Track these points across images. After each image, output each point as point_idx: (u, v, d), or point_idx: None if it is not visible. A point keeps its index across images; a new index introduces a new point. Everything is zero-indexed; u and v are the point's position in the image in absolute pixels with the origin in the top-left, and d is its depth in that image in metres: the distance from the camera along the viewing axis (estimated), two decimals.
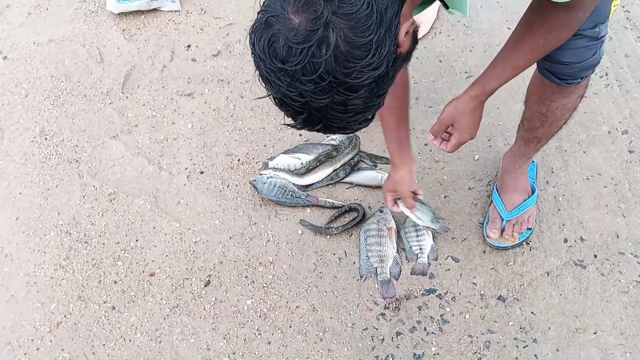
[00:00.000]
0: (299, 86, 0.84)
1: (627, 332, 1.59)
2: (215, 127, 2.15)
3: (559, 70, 1.29)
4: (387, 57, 0.86)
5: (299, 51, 0.81)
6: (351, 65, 0.82)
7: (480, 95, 1.29)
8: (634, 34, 2.19)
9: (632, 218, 1.77)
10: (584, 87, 1.38)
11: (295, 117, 0.91)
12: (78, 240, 1.91)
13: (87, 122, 2.20)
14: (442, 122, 1.36)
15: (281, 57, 0.83)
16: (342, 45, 0.81)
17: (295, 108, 0.88)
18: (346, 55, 0.82)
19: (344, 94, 0.85)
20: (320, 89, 0.83)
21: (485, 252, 1.77)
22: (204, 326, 1.72)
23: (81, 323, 1.75)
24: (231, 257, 1.84)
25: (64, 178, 2.06)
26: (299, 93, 0.85)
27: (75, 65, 2.37)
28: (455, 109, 1.33)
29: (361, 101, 0.87)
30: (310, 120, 0.90)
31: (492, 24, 2.29)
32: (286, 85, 0.85)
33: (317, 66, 0.82)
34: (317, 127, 0.91)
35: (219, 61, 2.33)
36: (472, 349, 1.61)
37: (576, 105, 1.43)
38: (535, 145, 1.60)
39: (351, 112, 0.88)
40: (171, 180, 2.03)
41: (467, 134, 1.35)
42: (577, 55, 1.23)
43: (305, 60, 0.81)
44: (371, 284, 1.74)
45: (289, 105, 0.89)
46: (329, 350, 1.65)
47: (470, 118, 1.32)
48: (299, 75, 0.83)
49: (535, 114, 1.48)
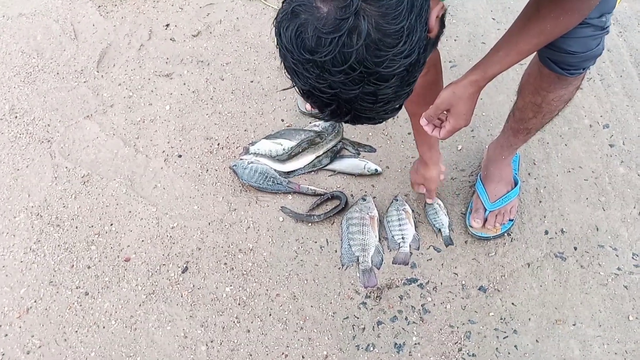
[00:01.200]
0: (329, 77, 0.81)
1: (605, 324, 1.60)
2: (194, 109, 2.09)
3: (562, 60, 1.27)
4: (419, 44, 0.83)
5: (328, 41, 0.78)
6: (383, 54, 0.79)
7: (481, 80, 1.24)
8: (616, 29, 2.21)
9: (612, 211, 1.79)
10: (582, 78, 1.37)
11: (323, 109, 0.88)
12: (49, 223, 1.84)
13: (60, 100, 2.12)
14: (438, 106, 1.30)
15: (310, 47, 0.80)
16: (374, 33, 0.78)
17: (324, 100, 0.85)
18: (377, 44, 0.79)
19: (375, 83, 0.82)
20: (351, 79, 0.80)
21: (467, 242, 1.76)
22: (181, 313, 1.68)
23: (52, 309, 1.69)
24: (210, 244, 1.79)
25: (34, 158, 1.98)
26: (329, 84, 0.81)
27: (48, 41, 2.28)
28: (453, 93, 1.27)
29: (392, 90, 0.84)
30: (338, 111, 0.86)
31: (477, 13, 2.28)
32: (315, 77, 0.81)
33: (347, 56, 0.78)
34: (345, 118, 0.88)
35: (198, 42, 2.27)
36: (453, 339, 1.61)
37: (572, 97, 1.42)
38: (524, 136, 1.59)
39: (381, 102, 0.85)
40: (148, 163, 1.96)
41: (462, 119, 1.30)
42: (582, 44, 1.22)
43: (336, 50, 0.78)
44: (353, 273, 1.72)
45: (317, 96, 0.85)
46: (309, 339, 1.62)
47: (468, 103, 1.27)
48: (328, 67, 0.80)
49: (529, 105, 1.46)
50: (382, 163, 1.92)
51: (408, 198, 1.84)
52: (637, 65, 2.11)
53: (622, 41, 2.18)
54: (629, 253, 1.71)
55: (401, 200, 1.81)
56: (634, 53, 2.14)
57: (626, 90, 2.05)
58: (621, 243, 1.73)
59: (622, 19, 2.23)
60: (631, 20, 2.23)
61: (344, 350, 1.60)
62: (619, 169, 1.87)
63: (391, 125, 2.00)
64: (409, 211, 1.79)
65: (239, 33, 2.30)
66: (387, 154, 1.94)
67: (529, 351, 1.58)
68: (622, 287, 1.66)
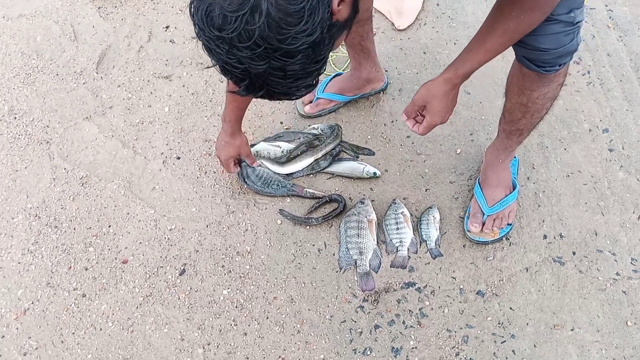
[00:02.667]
0: (237, 53, 0.87)
1: (603, 329, 1.60)
2: (193, 111, 2.09)
3: (536, 57, 1.28)
4: (321, 24, 0.88)
5: (233, 19, 0.84)
6: (285, 32, 0.85)
7: (454, 78, 1.29)
8: (616, 33, 2.21)
9: (611, 216, 1.78)
10: (563, 75, 1.37)
11: (239, 84, 0.95)
12: (47, 225, 1.84)
13: (59, 102, 2.12)
14: (414, 102, 1.38)
15: (218, 25, 0.85)
16: (274, 12, 0.83)
17: (237, 75, 0.92)
18: (279, 22, 0.84)
19: (280, 59, 0.87)
20: (257, 55, 0.86)
21: (465, 246, 1.76)
22: (178, 316, 1.67)
23: (50, 310, 1.69)
24: (207, 246, 1.79)
25: (33, 159, 1.98)
26: (238, 60, 0.88)
27: (48, 42, 2.28)
28: (428, 90, 1.34)
29: (299, 67, 0.90)
30: (252, 86, 0.93)
31: (476, 17, 2.27)
32: (225, 53, 0.88)
33: (251, 33, 0.84)
34: (259, 93, 0.95)
35: (198, 44, 2.25)
36: (451, 344, 1.61)
37: (556, 94, 1.43)
38: (517, 137, 1.59)
39: (291, 78, 0.92)
40: (146, 165, 1.96)
41: (438, 116, 1.35)
42: (554, 41, 1.23)
43: (240, 27, 0.84)
44: (350, 276, 1.72)
45: (230, 72, 0.92)
46: (307, 342, 1.62)
47: (443, 101, 1.32)
48: (235, 43, 0.85)
49: (516, 105, 1.47)
50: (381, 166, 1.91)
51: (406, 201, 1.84)
52: (637, 70, 2.11)
53: (622, 45, 2.17)
54: (628, 258, 1.71)
55: (399, 204, 1.81)
56: (634, 57, 2.14)
57: (626, 95, 2.04)
58: (620, 248, 1.73)
59: (622, 24, 2.23)
60: (631, 24, 2.23)
61: (340, 354, 1.60)
62: (618, 174, 1.87)
63: (390, 129, 2.00)
64: (407, 215, 1.79)
65: None
66: (385, 157, 1.94)
67: (527, 356, 1.58)
68: (621, 293, 1.65)
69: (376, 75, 2.00)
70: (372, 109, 2.05)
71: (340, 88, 2.00)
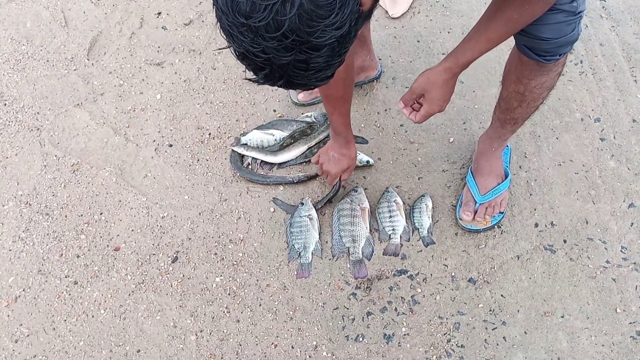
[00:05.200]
0: (262, 42, 0.83)
1: (593, 316, 1.62)
2: (185, 98, 2.07)
3: (537, 46, 1.28)
4: (350, 17, 0.85)
5: (262, 7, 0.80)
6: (315, 25, 0.81)
7: (454, 67, 1.28)
8: (609, 23, 2.21)
9: (602, 205, 1.80)
10: (562, 64, 1.37)
11: (257, 72, 0.91)
12: (39, 212, 1.83)
13: (50, 88, 2.10)
14: (413, 90, 1.36)
15: (245, 12, 0.81)
16: (307, 3, 0.80)
17: (258, 63, 0.88)
18: (310, 14, 0.80)
19: (306, 52, 0.84)
20: (284, 46, 0.82)
21: (457, 234, 1.77)
22: (171, 303, 1.67)
23: (41, 297, 1.68)
24: (200, 234, 1.79)
25: (24, 146, 1.96)
26: (262, 49, 0.84)
27: (38, 28, 2.25)
28: (427, 79, 1.32)
29: (323, 59, 0.87)
30: (272, 76, 0.90)
31: (470, 5, 2.27)
32: (249, 41, 0.83)
33: (281, 24, 0.80)
34: (278, 82, 0.92)
35: (190, 30, 2.25)
36: (442, 330, 1.62)
37: (554, 83, 1.43)
38: (511, 126, 1.60)
39: (312, 70, 0.89)
40: (138, 153, 1.95)
41: (436, 105, 1.35)
42: (556, 30, 1.23)
43: (270, 17, 0.80)
44: (343, 264, 1.72)
45: (251, 60, 0.88)
46: (299, 329, 1.62)
47: (442, 90, 1.32)
48: (262, 32, 0.81)
49: (513, 94, 1.47)
50: (374, 155, 1.91)
51: (399, 190, 1.84)
52: (629, 60, 2.11)
53: (614, 35, 2.18)
54: (618, 246, 1.72)
55: (392, 192, 1.81)
56: (626, 47, 2.14)
57: (618, 85, 2.05)
58: (610, 236, 1.74)
59: (615, 14, 2.24)
60: (624, 14, 2.23)
61: (333, 340, 1.61)
62: (610, 163, 1.88)
63: (383, 117, 1.99)
64: (400, 203, 1.79)
65: None
66: (379, 145, 1.94)
67: (518, 342, 1.59)
68: (611, 280, 1.67)
69: (370, 64, 2.00)
70: (365, 98, 2.05)
71: None
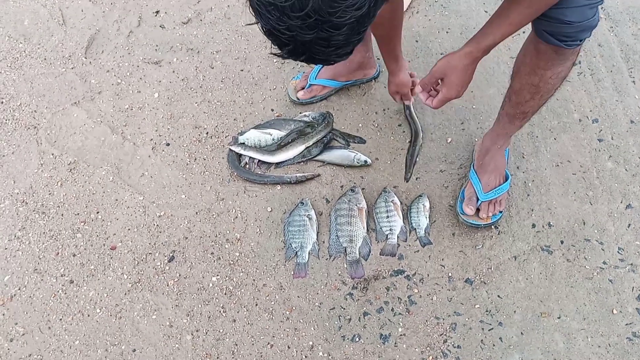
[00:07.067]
0: (287, 21, 0.90)
1: (589, 317, 1.61)
2: (183, 97, 2.07)
3: (559, 31, 1.26)
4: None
5: None
6: (336, 5, 0.88)
7: (475, 51, 1.29)
8: (608, 24, 2.21)
9: (599, 206, 1.79)
10: (577, 53, 1.36)
11: (282, 48, 0.99)
12: (35, 211, 1.82)
13: (47, 86, 2.09)
14: (433, 74, 1.38)
15: None
16: None
17: (282, 40, 0.95)
18: None
19: (328, 31, 0.91)
20: (307, 25, 0.89)
21: (455, 234, 1.76)
22: (167, 302, 1.67)
23: (37, 296, 1.68)
24: (197, 233, 1.78)
25: (20, 145, 1.96)
26: (287, 27, 0.91)
27: (36, 26, 2.25)
28: (448, 62, 1.33)
29: (343, 37, 0.94)
30: (295, 51, 0.98)
31: (469, 5, 2.27)
32: (275, 19, 0.91)
33: (305, 4, 0.87)
34: (301, 58, 0.99)
35: (188, 29, 2.24)
36: (439, 331, 1.61)
37: (568, 73, 1.41)
38: (520, 121, 1.59)
39: (333, 47, 0.96)
40: (135, 151, 1.95)
41: (454, 90, 1.36)
42: (578, 13, 1.21)
43: None
44: (340, 264, 1.72)
45: (276, 36, 0.95)
46: (295, 329, 1.62)
47: (461, 74, 1.32)
48: (287, 11, 0.88)
49: (526, 86, 1.45)
50: (372, 154, 1.91)
51: (397, 190, 1.84)
52: (627, 61, 2.11)
53: (613, 36, 2.18)
54: (615, 247, 1.72)
55: (390, 192, 1.81)
56: (624, 48, 2.14)
57: (616, 85, 2.05)
58: (607, 237, 1.74)
59: (614, 14, 2.23)
60: (622, 15, 2.23)
61: (329, 340, 1.60)
62: (607, 164, 1.88)
63: (381, 117, 1.99)
64: (398, 203, 1.79)
65: (230, 21, 2.28)
66: (377, 145, 1.94)
67: (514, 343, 1.59)
68: (607, 281, 1.67)
69: (368, 62, 1.99)
70: (363, 97, 2.04)
71: (333, 73, 1.99)
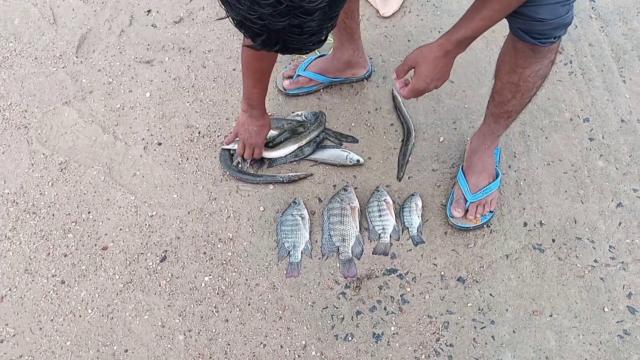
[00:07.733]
0: (258, 9, 0.88)
1: (581, 315, 1.62)
2: (175, 97, 2.06)
3: (533, 28, 1.28)
4: None
5: None
6: None
7: (446, 43, 1.28)
8: (598, 24, 2.22)
9: (590, 204, 1.80)
10: (555, 51, 1.38)
11: (254, 39, 0.97)
12: (26, 211, 1.81)
13: (38, 86, 2.08)
14: (406, 62, 1.38)
15: None
16: None
17: (255, 30, 0.94)
18: None
19: (300, 17, 0.90)
20: (279, 12, 0.88)
21: (447, 233, 1.77)
22: (159, 302, 1.66)
23: (27, 297, 1.67)
24: (189, 233, 1.78)
25: (11, 144, 1.94)
26: (258, 16, 0.89)
27: (26, 25, 2.23)
28: (420, 52, 1.33)
29: (316, 23, 0.93)
30: (268, 41, 0.96)
31: (461, 5, 2.27)
32: (246, 9, 0.89)
33: None
34: (275, 47, 0.98)
35: (180, 28, 2.23)
36: (431, 329, 1.62)
37: (547, 71, 1.43)
38: (505, 121, 1.60)
39: (306, 34, 0.95)
40: (127, 151, 1.94)
41: (422, 81, 1.34)
42: (551, 11, 1.23)
43: None
44: (333, 263, 1.72)
45: (249, 27, 0.94)
46: (288, 329, 1.62)
47: (431, 66, 1.32)
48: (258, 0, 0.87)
49: (507, 85, 1.47)
50: (365, 154, 1.91)
51: (389, 189, 1.84)
52: (618, 60, 2.12)
53: (603, 36, 2.19)
54: (606, 245, 1.73)
55: (382, 191, 1.81)
56: (615, 48, 2.16)
57: (607, 85, 2.06)
58: (598, 236, 1.75)
59: (604, 14, 2.25)
60: (613, 15, 2.25)
61: (322, 339, 1.60)
62: (598, 163, 1.89)
63: (374, 117, 1.99)
64: (390, 202, 1.79)
65: (222, 20, 2.27)
66: (369, 144, 1.94)
67: (506, 342, 1.59)
68: (599, 279, 1.68)
69: (358, 61, 1.99)
70: (356, 97, 2.04)
71: (321, 68, 1.99)
